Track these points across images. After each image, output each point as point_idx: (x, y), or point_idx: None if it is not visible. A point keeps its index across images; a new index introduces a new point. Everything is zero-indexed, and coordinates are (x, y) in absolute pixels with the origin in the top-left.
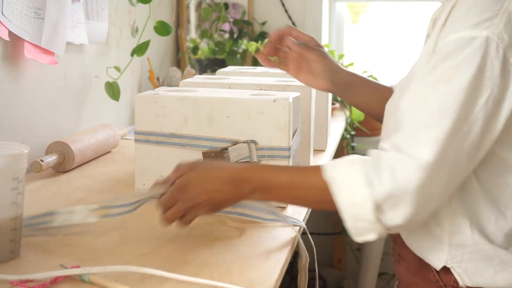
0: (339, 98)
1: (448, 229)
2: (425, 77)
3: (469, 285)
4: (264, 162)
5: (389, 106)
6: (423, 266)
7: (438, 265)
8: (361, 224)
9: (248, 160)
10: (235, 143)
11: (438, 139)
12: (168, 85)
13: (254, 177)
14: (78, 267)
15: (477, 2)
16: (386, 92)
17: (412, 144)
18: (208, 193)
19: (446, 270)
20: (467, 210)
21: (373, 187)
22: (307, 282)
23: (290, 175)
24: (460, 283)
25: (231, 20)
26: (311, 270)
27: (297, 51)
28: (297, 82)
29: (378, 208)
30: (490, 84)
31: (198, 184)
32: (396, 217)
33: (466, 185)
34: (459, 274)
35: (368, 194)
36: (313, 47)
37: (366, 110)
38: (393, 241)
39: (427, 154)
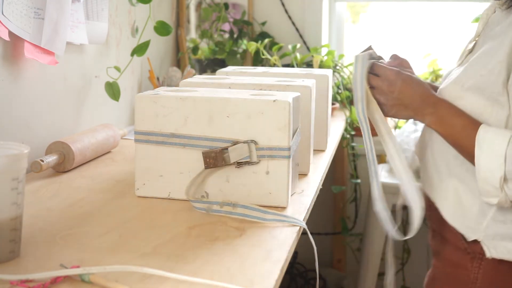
0: (339, 98)
1: (492, 216)
2: None
3: (495, 257)
4: (264, 162)
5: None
6: (454, 236)
7: (470, 238)
8: (488, 187)
9: (248, 160)
10: (235, 143)
11: None
12: (168, 85)
13: (440, 105)
14: (78, 267)
15: None
16: None
17: None
18: (405, 91)
19: (475, 241)
20: None
21: (508, 162)
22: None
23: (462, 121)
24: (487, 254)
25: (231, 20)
26: (311, 270)
27: None
28: (297, 82)
29: (506, 180)
30: None
31: (404, 80)
32: None
33: None
34: (488, 248)
35: (501, 165)
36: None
37: None
38: (429, 219)
39: None
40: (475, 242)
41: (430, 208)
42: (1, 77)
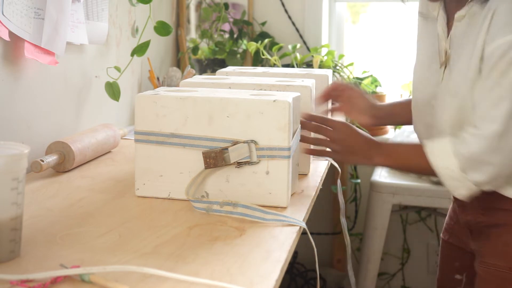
0: None
1: None
2: (488, 73)
3: None
4: (264, 162)
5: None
6: (497, 200)
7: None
8: (454, 182)
9: (248, 160)
10: (235, 143)
11: (501, 116)
12: (168, 85)
13: (382, 145)
14: (78, 267)
15: None
16: None
17: (481, 121)
18: (354, 140)
19: None
20: None
21: (458, 154)
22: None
23: (404, 147)
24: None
25: (231, 20)
26: (311, 270)
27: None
28: (297, 82)
29: (463, 170)
30: None
31: (352, 131)
32: (477, 176)
33: None
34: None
35: (454, 160)
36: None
37: (408, 123)
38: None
39: (492, 128)
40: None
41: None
42: (1, 77)
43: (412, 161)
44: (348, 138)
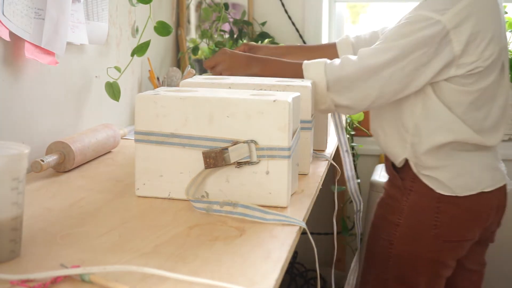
0: None
1: (411, 132)
2: (398, 29)
3: (422, 172)
4: (264, 162)
5: None
6: (394, 177)
7: (399, 158)
8: (317, 96)
9: (248, 160)
10: (235, 143)
11: (382, 59)
12: (168, 85)
13: (265, 59)
14: (78, 267)
15: None
16: (330, 50)
17: (368, 55)
18: (233, 57)
19: (406, 179)
20: (427, 119)
21: (327, 73)
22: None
23: (281, 62)
24: (414, 170)
25: (231, 20)
26: (311, 270)
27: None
28: (297, 82)
29: (329, 88)
30: (428, 46)
31: (231, 52)
32: (339, 98)
33: (428, 102)
34: (414, 164)
35: (323, 77)
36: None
37: None
38: (385, 168)
39: (372, 61)
40: (406, 180)
41: (386, 159)
42: (1, 77)
43: (287, 73)
44: (228, 57)
